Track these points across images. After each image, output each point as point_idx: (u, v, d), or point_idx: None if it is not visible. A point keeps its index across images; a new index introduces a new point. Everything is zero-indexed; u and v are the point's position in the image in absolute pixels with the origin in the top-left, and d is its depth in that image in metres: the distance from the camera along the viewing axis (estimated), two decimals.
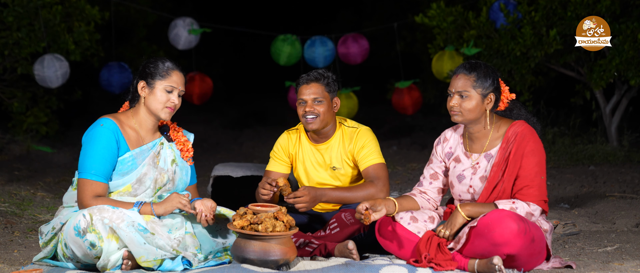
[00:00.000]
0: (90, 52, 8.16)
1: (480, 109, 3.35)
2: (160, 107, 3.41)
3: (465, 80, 3.34)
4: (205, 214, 3.36)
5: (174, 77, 3.43)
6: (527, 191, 3.27)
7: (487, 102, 3.35)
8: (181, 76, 3.46)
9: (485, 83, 3.33)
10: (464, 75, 3.35)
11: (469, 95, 3.33)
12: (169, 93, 3.42)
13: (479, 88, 3.33)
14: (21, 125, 8.61)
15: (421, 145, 9.88)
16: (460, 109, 3.34)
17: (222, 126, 12.92)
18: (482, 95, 3.34)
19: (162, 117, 3.43)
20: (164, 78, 3.41)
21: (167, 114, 3.43)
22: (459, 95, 3.34)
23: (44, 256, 3.38)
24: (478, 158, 3.42)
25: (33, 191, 5.93)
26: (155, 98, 3.41)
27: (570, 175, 6.81)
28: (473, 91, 3.33)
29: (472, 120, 3.38)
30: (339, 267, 3.21)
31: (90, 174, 3.29)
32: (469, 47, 7.36)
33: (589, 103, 8.67)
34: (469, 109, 3.34)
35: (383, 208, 3.35)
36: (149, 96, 3.41)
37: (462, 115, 3.35)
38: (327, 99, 3.80)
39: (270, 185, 3.63)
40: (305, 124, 3.82)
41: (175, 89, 3.43)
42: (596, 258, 3.74)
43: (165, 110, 3.42)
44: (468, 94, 3.33)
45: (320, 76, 3.82)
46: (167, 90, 3.41)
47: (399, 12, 11.90)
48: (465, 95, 3.33)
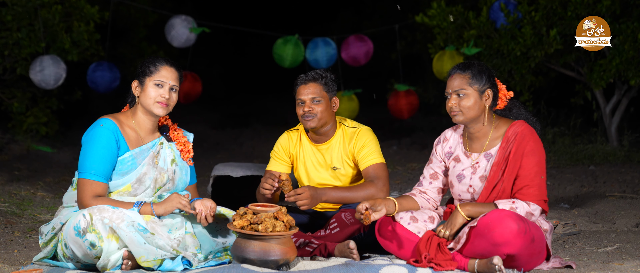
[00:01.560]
0: (90, 52, 8.15)
1: (479, 105, 3.35)
2: (151, 102, 3.41)
3: (460, 79, 3.35)
4: (205, 214, 3.36)
5: (163, 71, 3.43)
6: (527, 191, 3.27)
7: (485, 99, 3.36)
8: (171, 70, 3.45)
9: (480, 79, 3.34)
10: (459, 75, 3.36)
11: (466, 93, 3.34)
12: (159, 87, 3.42)
13: (475, 84, 3.34)
14: (21, 125, 8.61)
15: (421, 145, 9.88)
16: (459, 107, 3.35)
17: (222, 126, 12.92)
18: (479, 92, 3.35)
19: (155, 112, 3.42)
20: (152, 73, 3.42)
21: (159, 108, 3.42)
22: (456, 95, 3.35)
23: (43, 256, 3.38)
24: (478, 158, 3.43)
25: (33, 191, 5.93)
26: (146, 94, 3.41)
27: (570, 175, 6.81)
28: (470, 88, 3.34)
29: (473, 118, 3.38)
30: (339, 267, 3.21)
31: (90, 174, 3.29)
32: (469, 47, 7.36)
33: (589, 103, 8.67)
34: (468, 106, 3.34)
35: (383, 208, 3.35)
36: (142, 94, 3.43)
37: (463, 114, 3.35)
38: (325, 98, 3.81)
39: (272, 180, 3.64)
40: (304, 123, 3.82)
41: (165, 83, 3.42)
42: (596, 258, 3.74)
43: (156, 105, 3.41)
44: (465, 92, 3.34)
45: (318, 76, 3.83)
46: (156, 85, 3.41)
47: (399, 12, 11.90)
48: (463, 94, 3.34)
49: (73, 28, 7.92)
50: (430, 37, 9.58)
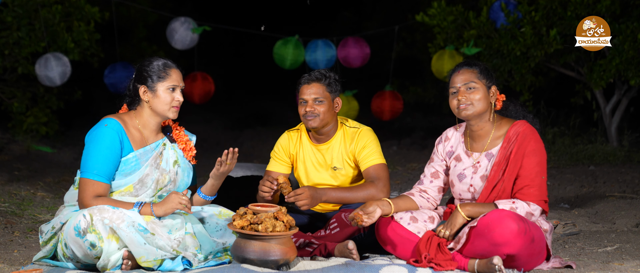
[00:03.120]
0: (90, 52, 8.15)
1: (487, 101, 3.37)
2: (167, 107, 3.41)
3: (469, 73, 3.36)
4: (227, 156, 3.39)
5: (173, 75, 3.43)
6: (527, 191, 3.27)
7: (491, 94, 3.37)
8: (179, 73, 3.46)
9: (488, 75, 3.38)
10: (467, 70, 3.38)
11: (476, 87, 3.34)
12: (172, 92, 3.42)
13: (483, 79, 3.36)
14: (21, 125, 8.60)
15: (421, 145, 9.88)
16: (469, 100, 3.34)
17: (222, 126, 12.92)
18: (487, 87, 3.36)
19: (170, 117, 3.44)
20: (164, 79, 3.40)
21: (174, 112, 3.44)
22: (465, 88, 3.35)
23: (43, 255, 3.38)
24: (479, 157, 3.43)
25: (33, 191, 5.93)
26: (160, 100, 3.40)
27: (570, 175, 6.81)
28: (479, 82, 3.35)
29: (481, 113, 3.37)
30: (339, 267, 3.21)
31: (92, 174, 3.29)
32: (469, 47, 7.36)
33: (589, 103, 8.67)
34: (478, 98, 3.34)
35: (376, 209, 3.35)
36: (153, 99, 3.40)
37: (474, 107, 3.34)
38: (328, 99, 3.81)
39: (270, 183, 3.64)
40: (306, 123, 3.82)
41: (178, 86, 3.43)
42: (596, 258, 3.74)
43: (172, 109, 3.43)
44: (475, 85, 3.34)
45: (321, 76, 3.82)
46: (170, 89, 3.41)
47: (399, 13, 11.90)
48: (473, 87, 3.34)
49: (73, 28, 7.93)
50: (430, 37, 9.58)
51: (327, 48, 7.95)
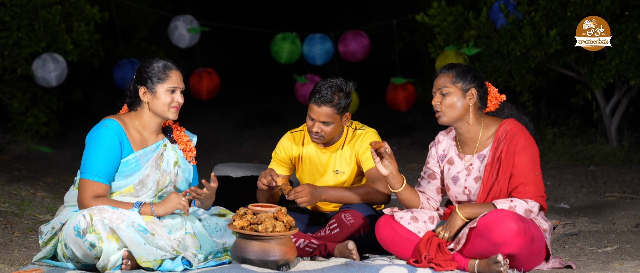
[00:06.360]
0: (90, 52, 8.15)
1: (462, 105, 3.35)
2: (166, 108, 3.41)
3: (445, 77, 3.37)
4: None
5: (173, 76, 3.43)
6: (523, 188, 3.27)
7: (468, 97, 3.36)
8: (179, 74, 3.45)
9: (464, 78, 3.36)
10: (444, 74, 3.39)
11: (449, 92, 3.35)
12: (172, 93, 3.42)
13: (458, 83, 3.35)
14: (21, 126, 8.60)
15: (421, 145, 9.88)
16: (441, 106, 3.36)
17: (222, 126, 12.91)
18: (462, 90, 3.35)
19: (169, 118, 3.44)
20: (164, 80, 3.40)
21: (173, 113, 3.44)
22: (440, 93, 3.37)
23: (43, 256, 3.38)
24: (471, 159, 3.43)
25: (33, 191, 5.93)
26: (160, 101, 3.40)
27: (570, 175, 6.81)
28: (453, 86, 3.34)
29: (457, 119, 3.38)
30: (339, 267, 3.21)
31: (91, 175, 3.29)
32: (469, 47, 7.36)
33: (589, 103, 8.66)
34: (449, 104, 3.34)
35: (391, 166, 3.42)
36: (153, 101, 3.40)
37: (445, 114, 3.36)
38: (336, 120, 3.76)
39: (270, 178, 3.60)
40: (311, 137, 3.81)
41: (177, 88, 3.43)
42: (596, 258, 3.74)
43: (171, 110, 3.43)
44: (448, 90, 3.35)
45: (332, 97, 3.71)
46: (169, 91, 3.41)
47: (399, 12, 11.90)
48: (446, 92, 3.35)
49: (73, 28, 7.92)
50: (430, 37, 9.58)
51: (324, 42, 7.96)
